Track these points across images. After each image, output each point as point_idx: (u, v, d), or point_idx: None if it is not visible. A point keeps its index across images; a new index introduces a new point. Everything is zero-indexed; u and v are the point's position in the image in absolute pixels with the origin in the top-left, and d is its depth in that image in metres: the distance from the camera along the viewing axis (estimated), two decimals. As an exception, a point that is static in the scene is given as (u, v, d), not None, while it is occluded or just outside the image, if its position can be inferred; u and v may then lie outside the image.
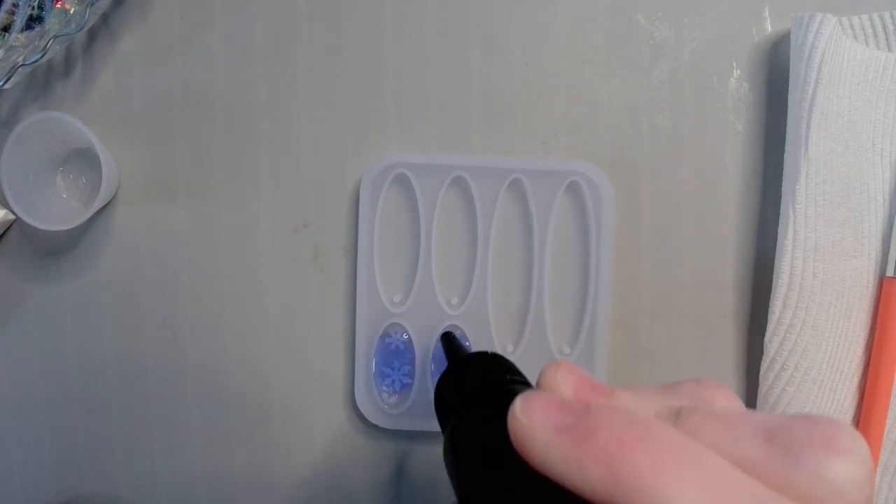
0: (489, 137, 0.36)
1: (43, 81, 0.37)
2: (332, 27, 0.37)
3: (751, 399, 0.36)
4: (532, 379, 0.22)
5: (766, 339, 0.34)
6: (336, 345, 0.37)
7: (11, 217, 0.37)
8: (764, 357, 0.34)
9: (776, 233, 0.34)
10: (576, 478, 0.14)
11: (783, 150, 0.34)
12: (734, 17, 0.36)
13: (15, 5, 0.34)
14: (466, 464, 0.20)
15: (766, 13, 0.36)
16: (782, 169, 0.34)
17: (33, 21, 0.34)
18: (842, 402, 0.34)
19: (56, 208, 0.36)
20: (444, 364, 0.30)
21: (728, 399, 0.17)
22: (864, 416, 0.34)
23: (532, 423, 0.15)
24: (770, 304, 0.34)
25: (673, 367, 0.37)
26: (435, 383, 0.27)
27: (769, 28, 0.36)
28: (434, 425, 0.36)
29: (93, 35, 0.37)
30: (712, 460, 0.14)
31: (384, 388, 0.37)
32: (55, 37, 0.33)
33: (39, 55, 0.33)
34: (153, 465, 0.38)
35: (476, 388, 0.24)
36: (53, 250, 0.37)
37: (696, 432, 0.15)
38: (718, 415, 0.15)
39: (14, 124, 0.34)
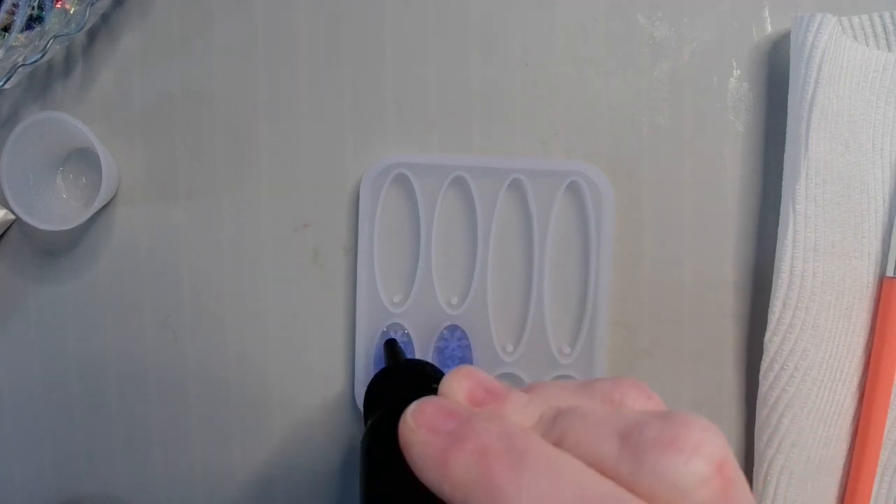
0: (489, 137, 0.36)
1: (43, 81, 0.37)
2: (332, 27, 0.37)
3: (751, 399, 0.36)
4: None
5: (766, 339, 0.34)
6: (336, 345, 0.37)
7: (11, 217, 0.37)
8: (764, 357, 0.34)
9: (776, 233, 0.34)
10: (440, 481, 0.15)
11: (783, 150, 0.34)
12: (734, 17, 0.36)
13: (15, 5, 0.34)
14: (368, 467, 0.21)
15: (766, 13, 0.36)
16: (782, 169, 0.34)
17: (33, 21, 0.34)
18: (842, 402, 0.34)
19: (56, 208, 0.36)
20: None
21: (639, 398, 0.18)
22: (864, 416, 0.34)
23: (416, 426, 0.17)
24: (770, 304, 0.34)
25: (673, 367, 0.37)
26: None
27: (769, 28, 0.36)
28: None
29: (93, 35, 0.37)
30: (562, 465, 0.15)
31: (384, 388, 0.37)
32: (55, 37, 0.33)
33: (39, 55, 0.33)
34: (153, 465, 0.38)
35: (396, 393, 0.25)
36: (53, 250, 0.37)
37: (563, 434, 0.16)
38: (588, 416, 0.16)
39: (14, 124, 0.34)
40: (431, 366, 0.29)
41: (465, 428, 0.16)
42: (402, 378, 0.28)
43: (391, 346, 0.33)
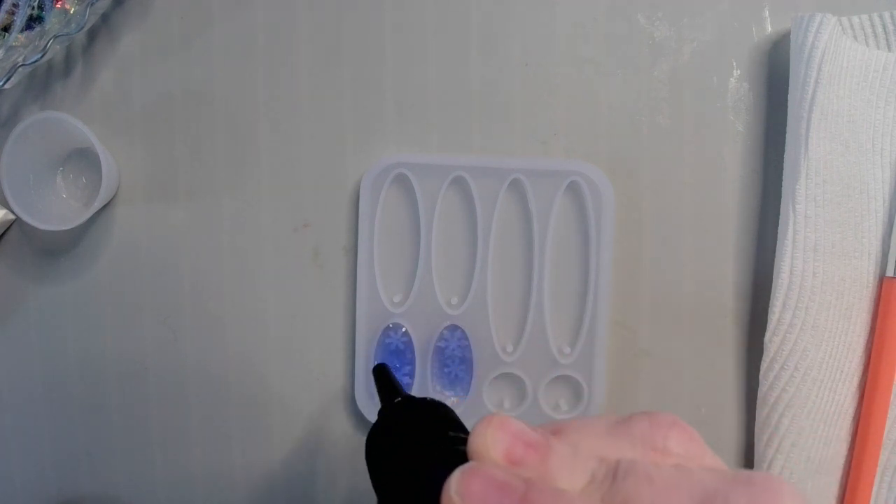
0: (489, 137, 0.36)
1: (43, 81, 0.37)
2: (332, 27, 0.37)
3: (751, 399, 0.36)
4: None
5: (766, 339, 0.34)
6: (336, 345, 0.37)
7: (11, 217, 0.37)
8: (764, 357, 0.34)
9: (776, 233, 0.34)
10: None
11: (783, 150, 0.34)
12: (734, 17, 0.36)
13: (15, 5, 0.34)
14: None
15: (766, 13, 0.36)
16: (782, 169, 0.34)
17: (33, 21, 0.34)
18: (842, 403, 0.34)
19: (56, 208, 0.36)
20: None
21: (682, 441, 0.17)
22: (864, 416, 0.34)
23: None
24: (770, 304, 0.34)
25: (673, 367, 0.37)
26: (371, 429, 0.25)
27: (769, 28, 0.36)
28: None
29: (93, 35, 0.37)
30: None
31: (384, 388, 0.37)
32: (55, 37, 0.33)
33: (39, 55, 0.33)
34: (153, 466, 0.38)
35: (414, 451, 0.21)
36: (53, 250, 0.37)
37: (628, 501, 0.15)
38: (654, 480, 0.15)
39: (14, 124, 0.34)
40: (440, 405, 0.24)
41: None
42: (412, 428, 0.23)
43: (382, 375, 0.28)
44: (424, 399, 0.25)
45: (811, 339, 0.33)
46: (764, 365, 0.34)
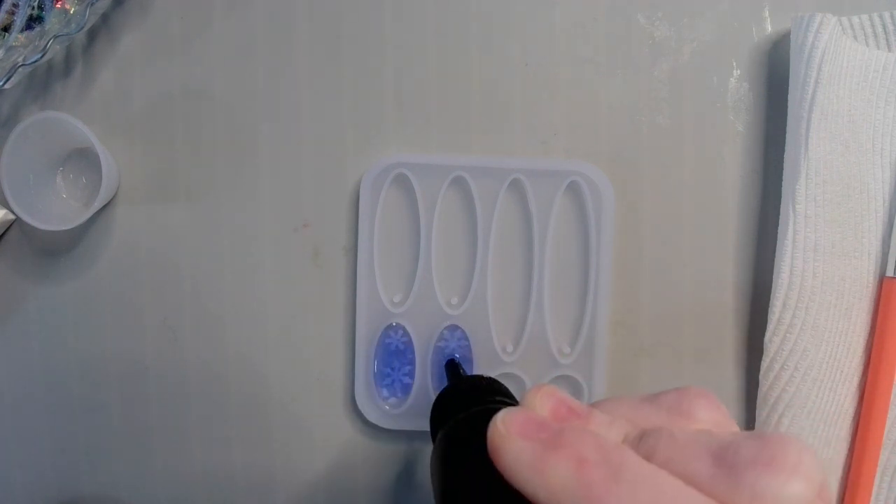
0: (489, 137, 0.36)
1: (43, 81, 0.37)
2: (332, 27, 0.37)
3: (751, 399, 0.36)
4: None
5: (766, 339, 0.34)
6: (336, 345, 0.37)
7: (11, 217, 0.37)
8: (764, 357, 0.34)
9: (776, 233, 0.34)
10: (536, 486, 0.16)
11: (783, 150, 0.34)
12: (734, 17, 0.36)
13: (15, 5, 0.34)
14: (445, 473, 0.21)
15: (766, 13, 0.36)
16: (782, 169, 0.34)
17: (33, 21, 0.34)
18: (842, 402, 0.34)
19: (56, 208, 0.36)
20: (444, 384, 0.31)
21: (708, 408, 0.18)
22: (864, 416, 0.34)
23: (509, 431, 0.17)
24: (770, 304, 0.34)
25: (673, 367, 0.37)
26: (435, 393, 0.29)
27: (769, 28, 0.36)
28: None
29: (93, 35, 0.37)
30: (662, 480, 0.15)
31: (384, 388, 0.37)
32: (55, 37, 0.33)
33: (39, 55, 0.33)
34: (153, 466, 0.38)
35: (465, 406, 0.25)
36: (53, 250, 0.37)
37: (651, 452, 0.16)
38: (676, 435, 0.16)
39: (14, 124, 0.34)
40: (497, 381, 0.29)
41: (559, 437, 0.16)
42: (470, 393, 0.28)
43: (453, 367, 0.33)
44: (482, 376, 0.29)
45: (811, 339, 0.33)
46: (764, 365, 0.34)
